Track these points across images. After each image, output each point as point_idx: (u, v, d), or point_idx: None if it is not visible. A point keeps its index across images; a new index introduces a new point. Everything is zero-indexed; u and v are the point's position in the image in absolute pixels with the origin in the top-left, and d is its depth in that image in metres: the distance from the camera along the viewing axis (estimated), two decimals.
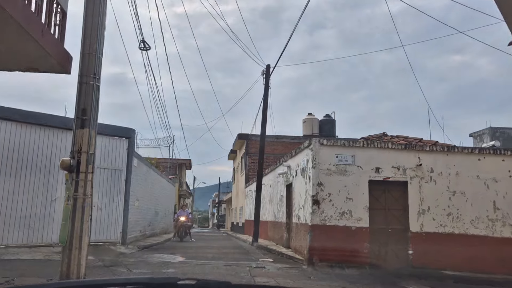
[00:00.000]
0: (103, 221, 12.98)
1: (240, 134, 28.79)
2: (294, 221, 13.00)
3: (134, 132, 14.12)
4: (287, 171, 14.39)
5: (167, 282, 1.68)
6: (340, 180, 11.16)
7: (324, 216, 10.96)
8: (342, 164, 11.25)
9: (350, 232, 10.93)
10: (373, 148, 11.41)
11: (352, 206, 11.06)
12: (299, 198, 12.54)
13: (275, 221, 16.42)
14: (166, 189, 24.25)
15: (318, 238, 10.84)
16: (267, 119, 16.74)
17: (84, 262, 6.16)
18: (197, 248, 14.86)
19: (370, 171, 11.28)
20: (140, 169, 15.70)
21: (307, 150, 11.73)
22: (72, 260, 6.04)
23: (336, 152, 11.29)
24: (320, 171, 11.14)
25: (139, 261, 10.66)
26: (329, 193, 11.08)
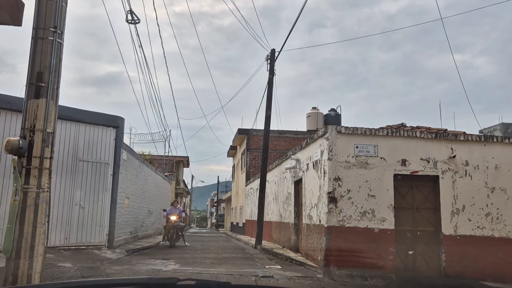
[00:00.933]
0: (86, 222, 11.36)
1: (241, 129, 27.17)
2: (305, 221, 11.40)
3: (123, 121, 12.48)
4: (295, 166, 12.78)
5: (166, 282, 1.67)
6: (361, 174, 9.57)
7: (342, 216, 9.36)
8: (363, 156, 9.65)
9: (373, 235, 9.34)
10: (399, 137, 9.81)
11: (374, 204, 9.47)
12: (310, 195, 10.94)
13: (281, 221, 14.82)
14: (162, 186, 22.62)
15: (336, 242, 9.24)
16: (271, 109, 15.11)
17: (38, 277, 4.51)
18: (194, 252, 13.24)
19: (395, 163, 9.69)
20: (131, 163, 14.07)
21: (321, 139, 10.12)
22: (20, 275, 4.39)
23: (355, 141, 9.70)
24: (337, 164, 9.54)
25: (124, 269, 9.04)
26: (348, 189, 9.49)
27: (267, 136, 15.35)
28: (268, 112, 15.00)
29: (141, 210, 16.58)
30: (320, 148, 10.22)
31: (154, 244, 15.13)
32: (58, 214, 10.74)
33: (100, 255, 10.98)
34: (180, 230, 15.09)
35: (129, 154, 13.69)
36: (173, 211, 15.25)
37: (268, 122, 15.15)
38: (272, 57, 15.53)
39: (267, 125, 15.20)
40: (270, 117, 15.01)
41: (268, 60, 15.73)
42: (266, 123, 15.18)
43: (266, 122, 15.17)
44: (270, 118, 15.04)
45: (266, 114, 14.98)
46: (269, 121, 15.15)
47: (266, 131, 15.29)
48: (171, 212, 15.26)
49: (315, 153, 10.65)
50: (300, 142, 12.79)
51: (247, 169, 26.31)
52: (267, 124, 15.22)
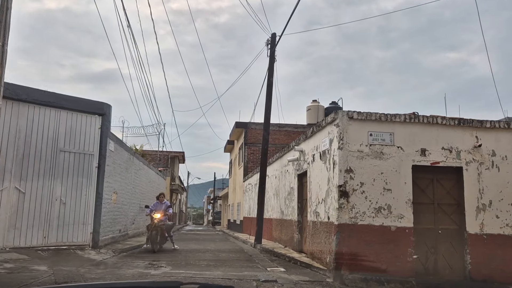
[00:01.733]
0: (68, 219, 10.23)
1: (238, 123, 26.05)
2: (310, 218, 10.31)
3: (110, 108, 11.33)
4: (299, 157, 11.68)
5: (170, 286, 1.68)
6: (375, 165, 8.48)
7: (355, 213, 8.28)
8: (378, 144, 8.56)
9: (389, 233, 8.26)
10: (418, 124, 8.72)
11: (391, 199, 8.39)
12: (317, 189, 9.85)
13: (283, 218, 13.73)
14: (155, 182, 21.48)
15: (348, 242, 8.15)
16: (272, 97, 13.99)
17: None
18: (188, 252, 12.13)
19: (414, 153, 8.61)
20: (119, 155, 12.93)
21: (330, 126, 9.02)
22: None
23: (369, 128, 8.60)
24: (349, 154, 8.45)
25: (108, 272, 7.93)
26: (361, 182, 8.40)
27: (267, 126, 14.24)
28: (268, 101, 13.89)
29: (132, 206, 15.45)
30: (328, 137, 9.12)
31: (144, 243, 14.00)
32: (36, 210, 9.61)
33: (83, 256, 9.87)
34: (166, 231, 12.09)
35: (117, 145, 12.55)
36: (158, 207, 12.31)
37: (268, 111, 14.03)
38: (273, 42, 14.41)
39: (267, 114, 14.09)
40: (270, 106, 13.89)
41: (269, 45, 14.61)
42: (266, 113, 14.06)
43: (267, 111, 14.05)
44: (270, 107, 13.93)
45: (266, 103, 13.86)
46: (270, 110, 14.03)
47: (267, 121, 14.18)
48: (155, 208, 12.28)
49: (322, 142, 9.55)
50: (300, 136, 11.69)
51: (245, 164, 25.21)
52: (267, 113, 14.10)
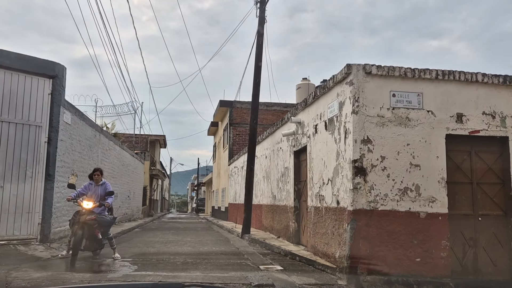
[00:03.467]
0: (7, 207, 8.13)
1: (222, 101, 23.93)
2: (311, 204, 8.41)
3: (63, 70, 9.16)
4: (296, 131, 9.73)
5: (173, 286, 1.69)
6: (400, 134, 6.59)
7: (374, 196, 6.40)
8: (403, 108, 6.66)
9: (418, 221, 6.42)
10: (453, 82, 6.84)
11: (419, 177, 6.53)
12: (321, 167, 7.94)
13: (275, 204, 11.82)
14: (130, 165, 19.33)
15: (365, 233, 6.28)
16: (261, 61, 11.95)
17: None
18: (163, 245, 10.16)
19: (448, 119, 6.74)
20: (80, 130, 10.78)
21: (341, 86, 7.07)
22: None
23: (392, 87, 6.69)
24: (366, 119, 6.53)
25: (48, 276, 5.89)
26: (382, 156, 6.51)
27: (256, 97, 12.22)
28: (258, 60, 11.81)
29: None
30: (337, 100, 7.17)
31: (114, 234, 11.94)
32: None
33: (26, 253, 7.80)
34: (100, 230, 7.44)
35: (76, 117, 10.39)
36: (90, 190, 7.81)
37: (258, 78, 11.98)
38: None
39: (257, 84, 12.05)
40: (260, 70, 11.84)
41: (258, 3, 12.51)
42: (256, 81, 12.01)
43: (256, 79, 12.00)
44: (260, 72, 11.88)
45: (256, 63, 11.80)
46: (259, 77, 11.99)
47: (256, 92, 12.15)
48: (86, 191, 7.79)
49: (329, 107, 7.60)
50: (297, 105, 9.71)
51: (230, 146, 23.19)
52: (257, 83, 12.07)
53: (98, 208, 7.53)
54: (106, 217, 7.65)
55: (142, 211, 24.53)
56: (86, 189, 7.89)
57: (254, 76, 11.91)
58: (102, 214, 7.58)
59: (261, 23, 12.05)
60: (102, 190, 7.86)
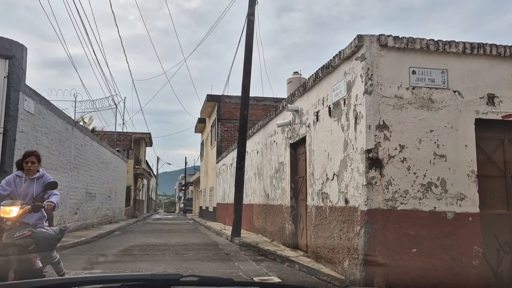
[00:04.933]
0: None
1: (210, 95, 22.69)
2: (312, 203, 7.29)
3: (23, 50, 7.89)
4: (292, 120, 8.61)
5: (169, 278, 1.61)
6: (421, 118, 5.50)
7: (392, 192, 5.30)
8: (425, 87, 5.58)
9: (445, 223, 5.34)
10: (483, 57, 5.78)
11: (445, 170, 5.45)
12: (324, 160, 6.81)
13: (268, 204, 10.67)
14: (111, 163, 18.01)
15: (383, 237, 5.18)
16: (252, 46, 10.80)
17: None
18: (142, 251, 8.94)
19: (478, 101, 5.67)
20: (47, 122, 9.50)
21: (349, 63, 5.95)
22: None
23: (412, 62, 5.60)
24: (382, 101, 5.44)
25: None
26: (401, 144, 5.41)
27: (247, 87, 11.06)
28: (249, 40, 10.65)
29: (73, 191, 12.04)
30: (345, 79, 6.06)
31: (88, 239, 10.70)
32: None
33: None
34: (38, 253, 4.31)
35: (42, 106, 9.11)
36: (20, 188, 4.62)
37: (248, 64, 10.82)
38: None
39: (247, 71, 10.89)
40: (251, 52, 10.68)
41: None
42: (246, 68, 10.85)
43: (246, 65, 10.84)
44: (251, 55, 10.72)
45: (247, 42, 10.64)
46: (250, 62, 10.83)
47: (246, 79, 10.98)
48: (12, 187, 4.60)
49: (334, 90, 6.48)
50: (294, 90, 8.56)
51: (218, 143, 21.99)
52: (247, 70, 10.90)
53: (33, 216, 4.45)
54: (47, 230, 4.43)
55: (125, 212, 23.19)
56: (9, 185, 4.59)
57: (244, 61, 10.75)
58: (39, 226, 4.51)
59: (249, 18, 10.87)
60: (39, 187, 4.62)
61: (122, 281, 1.64)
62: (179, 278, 1.61)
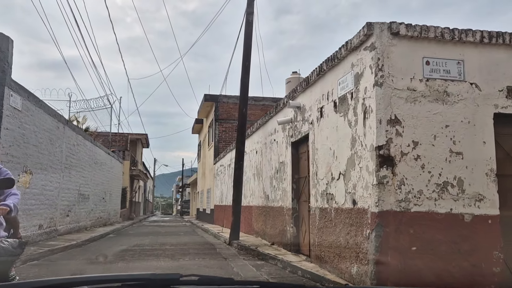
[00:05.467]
0: None
1: (207, 95, 22.26)
2: (316, 204, 6.86)
3: (8, 42, 7.44)
4: (294, 118, 8.18)
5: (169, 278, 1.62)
6: (436, 112, 5.09)
7: (405, 193, 4.88)
8: (439, 79, 5.16)
9: (462, 226, 4.92)
10: (502, 46, 5.37)
11: (462, 169, 5.03)
12: (329, 159, 6.39)
13: (267, 205, 10.23)
14: (105, 164, 17.53)
15: (396, 241, 4.76)
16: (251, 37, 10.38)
17: None
18: (136, 254, 8.48)
19: (497, 94, 5.26)
20: (36, 119, 9.04)
21: (357, 53, 5.53)
22: None
23: (425, 52, 5.18)
24: (393, 94, 5.02)
25: None
26: (414, 141, 4.99)
27: (246, 84, 10.63)
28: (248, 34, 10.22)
29: (65, 192, 11.56)
30: (353, 71, 5.63)
31: (80, 242, 10.22)
32: None
33: None
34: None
35: (30, 103, 8.66)
36: None
37: (247, 61, 10.40)
38: None
39: (246, 66, 10.46)
40: (250, 47, 10.25)
41: None
42: (245, 64, 10.42)
43: (245, 61, 10.41)
44: (250, 50, 10.29)
45: (245, 40, 10.22)
46: (249, 61, 10.41)
47: (245, 76, 10.55)
48: None
49: (340, 83, 6.06)
50: (296, 86, 8.13)
51: (215, 144, 21.55)
52: (247, 66, 10.47)
53: None
54: (2, 242, 3.34)
55: (121, 214, 22.70)
56: None
57: (243, 57, 10.32)
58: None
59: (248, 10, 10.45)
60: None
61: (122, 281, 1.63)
62: (179, 278, 1.60)
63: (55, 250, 8.43)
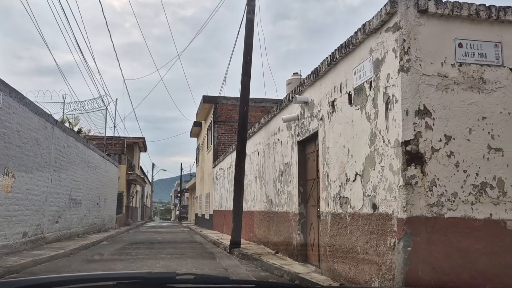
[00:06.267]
0: None
1: (206, 97, 21.57)
2: (327, 209, 6.14)
3: None
4: (301, 115, 7.48)
5: (166, 276, 1.64)
6: (471, 102, 4.39)
7: (437, 196, 4.17)
8: (474, 64, 4.47)
9: (504, 234, 4.22)
10: None
11: (502, 167, 4.34)
12: (342, 158, 5.68)
13: (271, 210, 9.51)
14: (100, 167, 16.79)
15: (428, 254, 4.05)
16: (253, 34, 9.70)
17: None
18: (129, 264, 7.74)
19: None
20: (19, 118, 8.33)
21: (377, 37, 4.84)
22: None
23: (458, 33, 4.49)
24: (422, 80, 4.33)
25: None
26: (447, 135, 4.29)
27: (247, 76, 9.93)
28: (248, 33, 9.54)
29: (53, 197, 10.82)
30: (372, 57, 4.94)
31: (68, 251, 9.47)
32: None
33: None
34: None
35: (12, 100, 7.95)
36: None
37: (248, 56, 9.71)
38: None
39: (247, 61, 9.77)
40: (252, 40, 9.57)
41: None
42: (246, 58, 9.73)
43: (246, 56, 9.73)
44: (252, 44, 9.61)
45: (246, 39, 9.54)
46: (251, 55, 9.73)
47: (246, 71, 9.86)
48: None
49: (355, 72, 5.36)
50: (303, 80, 7.45)
51: (214, 147, 20.83)
52: (248, 60, 9.79)
53: None
54: None
55: (116, 220, 21.92)
56: None
57: (244, 52, 9.63)
58: None
59: None
60: None
61: (118, 279, 1.61)
62: (175, 276, 1.62)
63: (39, 260, 7.68)
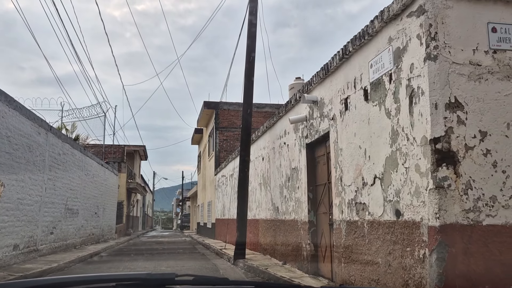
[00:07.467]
0: None
1: (207, 102, 21.10)
2: (341, 216, 5.61)
3: None
4: (309, 115, 6.97)
5: (165, 278, 1.63)
6: (508, 93, 3.89)
7: (473, 200, 3.65)
8: (510, 50, 3.97)
9: None
10: None
11: None
12: (358, 160, 5.16)
13: (277, 218, 8.96)
14: (99, 176, 16.27)
15: (466, 267, 3.51)
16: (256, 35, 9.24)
17: None
18: None
19: None
20: (8, 123, 7.83)
21: (397, 24, 4.35)
22: None
23: (490, 17, 4.00)
24: (452, 69, 3.82)
25: None
26: (482, 130, 3.78)
27: (250, 80, 9.45)
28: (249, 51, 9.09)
29: (48, 207, 10.29)
30: (391, 47, 4.44)
31: (62, 265, 8.91)
32: None
33: None
34: None
35: (2, 104, 7.46)
36: None
37: (252, 53, 9.24)
38: None
39: (251, 62, 9.29)
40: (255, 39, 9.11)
41: None
42: (249, 58, 9.26)
43: (249, 55, 9.25)
44: (255, 43, 9.14)
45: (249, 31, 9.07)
46: (254, 52, 9.26)
47: (249, 73, 9.38)
48: None
49: (371, 65, 4.86)
50: (312, 78, 6.96)
51: (216, 154, 20.31)
52: (251, 61, 9.31)
53: None
54: None
55: (116, 230, 21.36)
56: None
57: (247, 49, 9.15)
58: None
59: None
60: None
61: (117, 281, 1.64)
62: (174, 278, 1.61)
63: (29, 276, 7.14)
